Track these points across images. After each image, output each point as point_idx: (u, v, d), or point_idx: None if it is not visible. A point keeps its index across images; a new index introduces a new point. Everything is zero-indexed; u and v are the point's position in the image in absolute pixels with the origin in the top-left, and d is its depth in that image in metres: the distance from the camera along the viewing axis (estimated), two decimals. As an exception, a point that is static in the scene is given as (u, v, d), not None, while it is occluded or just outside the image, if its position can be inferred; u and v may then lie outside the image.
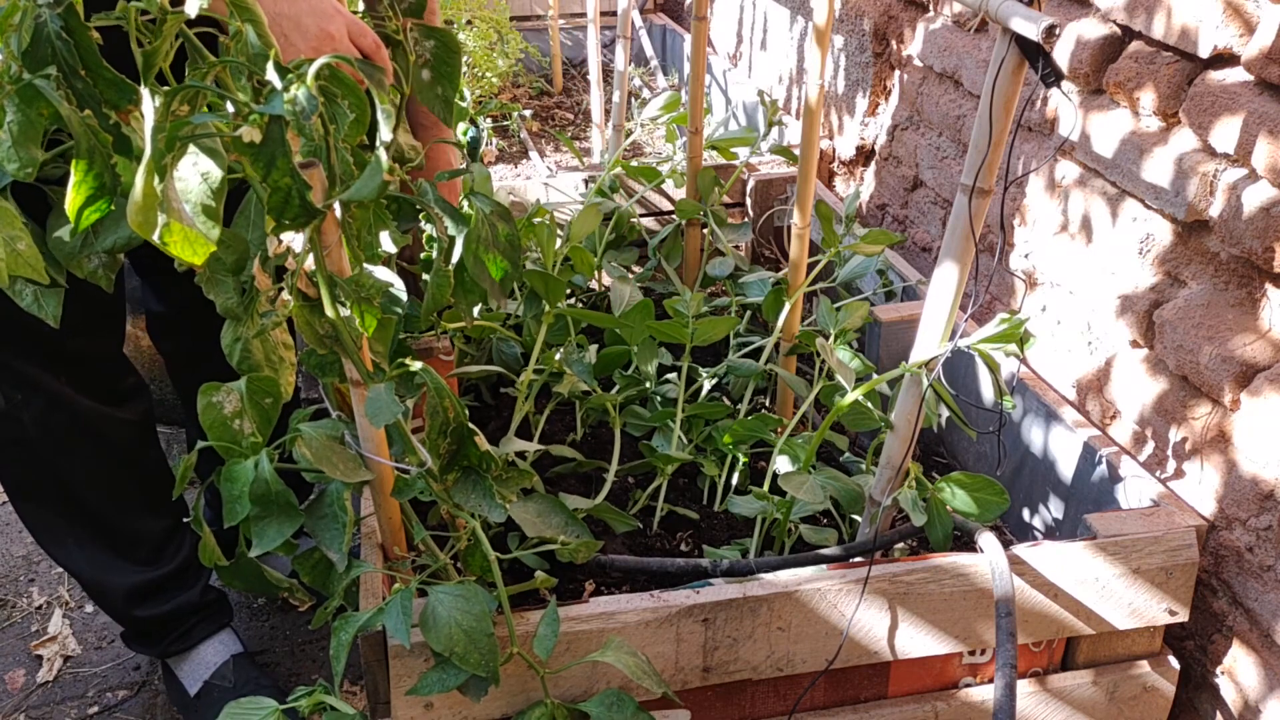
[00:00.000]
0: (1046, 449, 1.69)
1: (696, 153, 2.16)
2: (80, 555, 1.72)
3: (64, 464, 1.65)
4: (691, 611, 1.31)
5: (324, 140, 0.97)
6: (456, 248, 1.24)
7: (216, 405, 1.15)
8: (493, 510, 1.23)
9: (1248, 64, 1.40)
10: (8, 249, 0.93)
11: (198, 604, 1.81)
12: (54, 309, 1.06)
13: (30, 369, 1.56)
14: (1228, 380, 1.41)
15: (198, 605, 1.81)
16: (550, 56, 3.74)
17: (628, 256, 2.24)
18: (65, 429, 1.62)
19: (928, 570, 1.36)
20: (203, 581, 1.82)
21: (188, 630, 1.82)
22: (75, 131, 0.90)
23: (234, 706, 1.20)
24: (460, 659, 1.16)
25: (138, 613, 1.77)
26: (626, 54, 2.77)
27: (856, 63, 2.55)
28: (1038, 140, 1.87)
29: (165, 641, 1.81)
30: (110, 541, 1.72)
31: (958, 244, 1.31)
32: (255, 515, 1.15)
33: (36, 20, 0.90)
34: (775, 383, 1.93)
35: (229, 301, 1.11)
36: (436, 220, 1.23)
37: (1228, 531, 1.44)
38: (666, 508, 1.72)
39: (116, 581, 1.74)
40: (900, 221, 2.41)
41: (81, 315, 1.47)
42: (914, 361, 1.40)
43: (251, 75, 0.96)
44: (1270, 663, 1.39)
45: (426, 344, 1.63)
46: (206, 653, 1.84)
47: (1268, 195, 1.36)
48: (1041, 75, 1.15)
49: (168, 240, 0.87)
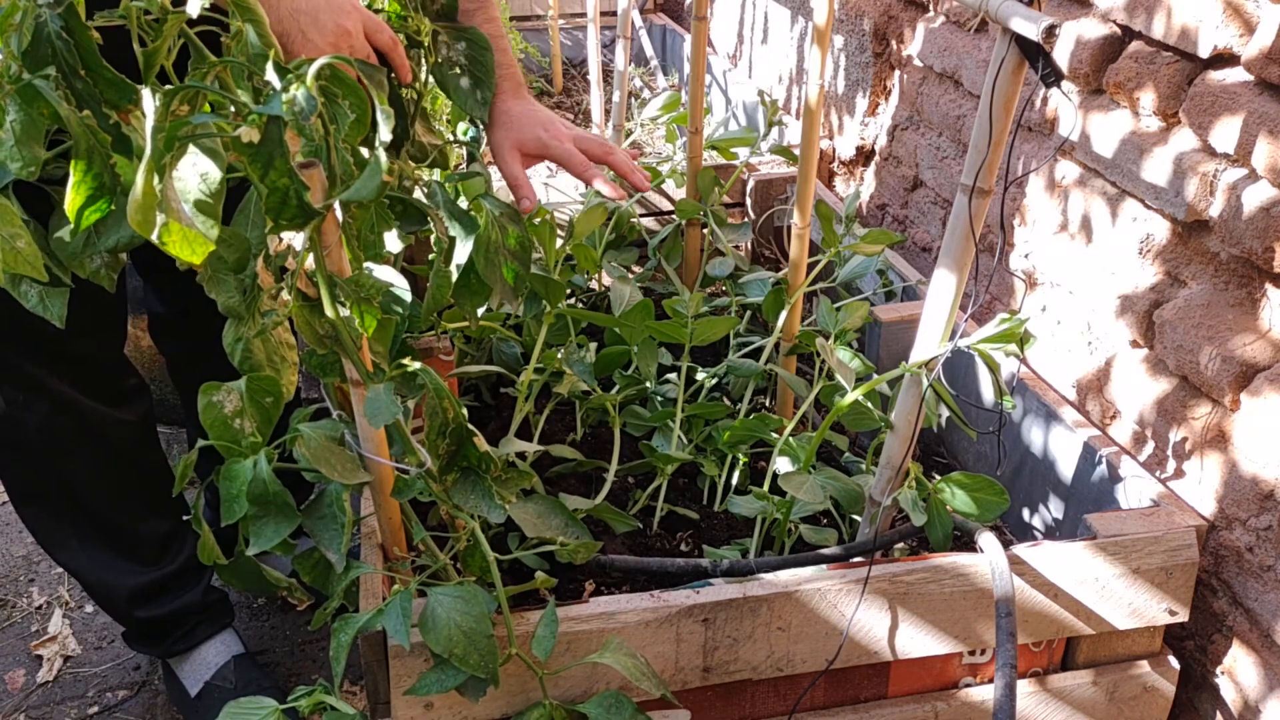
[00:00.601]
0: (1046, 449, 1.69)
1: (696, 153, 2.16)
2: (82, 556, 1.72)
3: (66, 466, 1.65)
4: (691, 611, 1.31)
5: (324, 140, 0.97)
6: (461, 249, 1.24)
7: (217, 404, 1.15)
8: (492, 511, 1.23)
9: (1248, 64, 1.40)
10: (7, 247, 0.93)
11: (200, 605, 1.81)
12: (59, 309, 1.06)
13: (33, 370, 1.56)
14: (1228, 380, 1.41)
15: (200, 606, 1.81)
16: (550, 56, 3.74)
17: (628, 256, 2.24)
18: (68, 431, 1.62)
19: (928, 570, 1.36)
20: (205, 582, 1.82)
21: (189, 631, 1.82)
22: (74, 132, 0.90)
23: (234, 706, 1.20)
24: (459, 660, 1.16)
25: (139, 614, 1.77)
26: (626, 54, 2.77)
27: (856, 63, 2.55)
28: (1038, 140, 1.87)
29: (167, 642, 1.81)
30: (112, 542, 1.72)
31: (958, 244, 1.31)
32: (253, 515, 1.15)
33: (36, 20, 0.90)
34: (775, 383, 1.93)
35: (230, 300, 1.11)
36: (436, 220, 1.23)
37: (1228, 531, 1.44)
38: (666, 508, 1.72)
39: (119, 582, 1.74)
40: (900, 221, 2.41)
41: (84, 316, 1.47)
42: (914, 361, 1.40)
43: (251, 76, 0.96)
44: (1270, 663, 1.39)
45: (426, 344, 1.63)
46: (208, 653, 1.84)
47: (1268, 195, 1.36)
48: (1041, 75, 1.15)
49: (166, 240, 0.87)
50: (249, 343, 1.14)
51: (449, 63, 1.26)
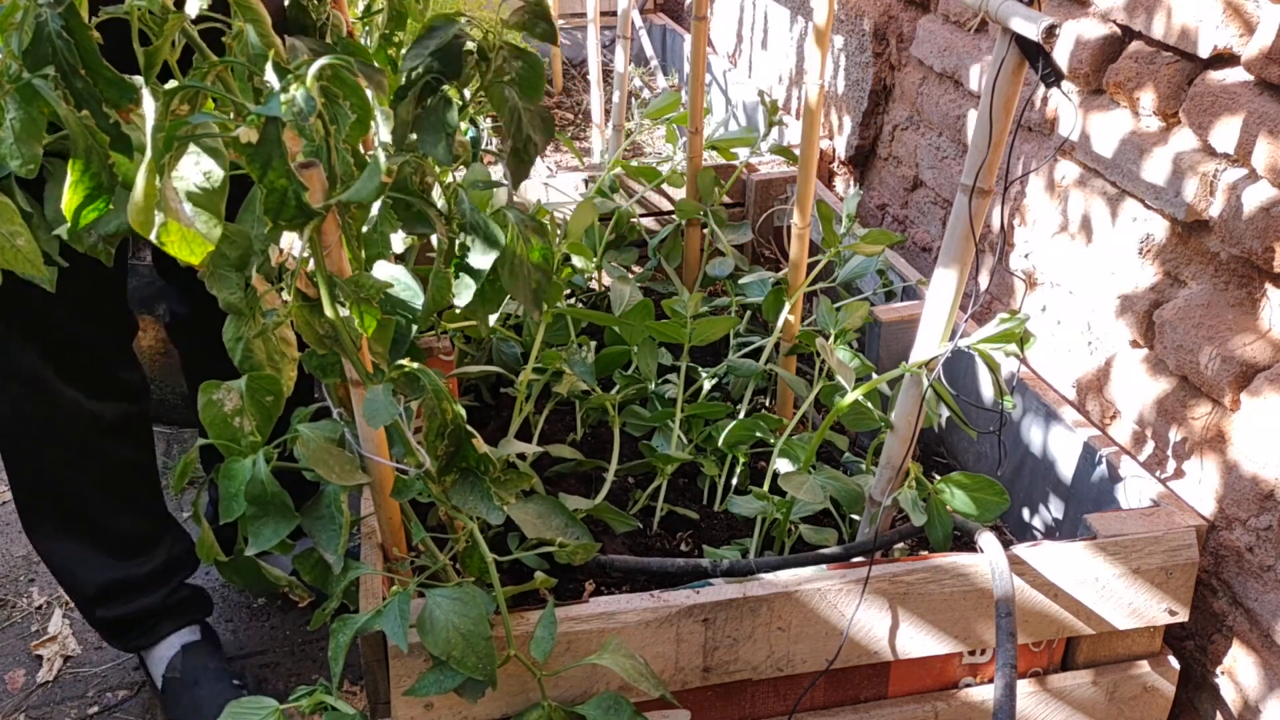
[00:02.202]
0: (1046, 449, 1.69)
1: (696, 153, 2.16)
2: (52, 542, 1.73)
3: (35, 451, 1.64)
4: (691, 611, 1.31)
5: (324, 141, 0.97)
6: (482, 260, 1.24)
7: (216, 403, 1.15)
8: (490, 513, 1.23)
9: (1248, 64, 1.40)
10: (7, 245, 0.93)
11: (160, 608, 1.80)
12: (51, 274, 1.04)
13: (16, 352, 1.55)
14: (1227, 380, 1.41)
15: (159, 609, 1.80)
16: (550, 56, 3.74)
17: (628, 256, 2.24)
18: (38, 418, 1.61)
19: (928, 570, 1.36)
20: (170, 586, 1.81)
21: (151, 628, 1.82)
22: (72, 131, 0.89)
23: (234, 706, 1.20)
24: (457, 662, 1.15)
25: (99, 612, 1.77)
26: (626, 54, 2.77)
27: (856, 63, 2.55)
28: (1038, 140, 1.87)
29: (129, 637, 1.82)
30: (81, 533, 1.72)
31: (958, 244, 1.30)
32: (251, 515, 1.15)
33: (37, 19, 0.90)
34: (775, 383, 1.93)
35: (232, 297, 1.10)
36: (439, 224, 1.22)
37: (1228, 531, 1.44)
38: (666, 508, 1.72)
39: (85, 576, 1.74)
40: (900, 221, 2.41)
41: (79, 300, 1.46)
42: (914, 361, 1.40)
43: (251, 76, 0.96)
44: (1270, 663, 1.39)
45: (426, 344, 1.63)
46: (164, 648, 1.84)
47: (1268, 195, 1.36)
48: (1041, 75, 1.15)
49: (165, 240, 0.87)
50: (249, 342, 1.14)
51: (499, 72, 1.28)
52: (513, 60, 1.28)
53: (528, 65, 1.29)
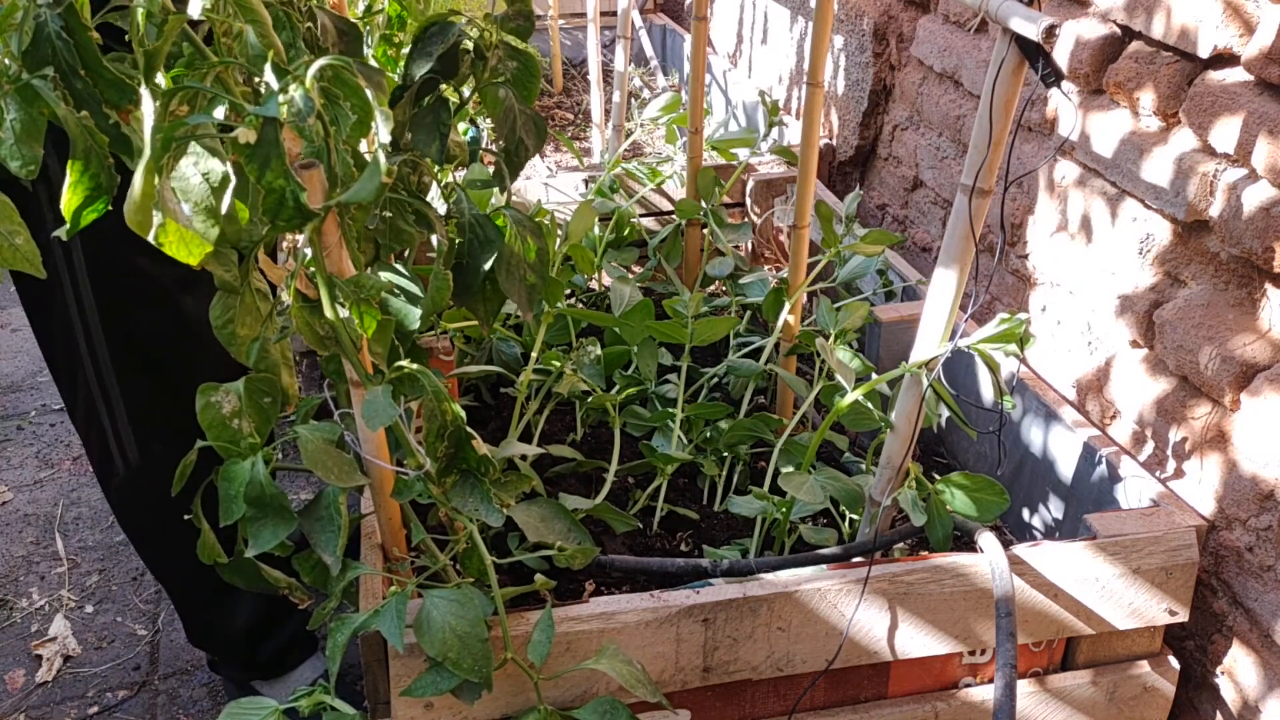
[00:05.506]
0: (1046, 449, 1.69)
1: (696, 153, 2.16)
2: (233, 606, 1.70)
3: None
4: (691, 611, 1.31)
5: (324, 142, 0.97)
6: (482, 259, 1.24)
7: (215, 405, 1.15)
8: (490, 515, 1.23)
9: (1248, 64, 1.40)
10: (5, 244, 0.93)
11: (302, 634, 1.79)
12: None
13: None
14: (1227, 380, 1.41)
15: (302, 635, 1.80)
16: (550, 56, 3.74)
17: (628, 256, 2.24)
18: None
19: (928, 570, 1.36)
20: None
21: (283, 657, 1.81)
22: (72, 132, 0.90)
23: (234, 707, 1.20)
24: (453, 664, 1.15)
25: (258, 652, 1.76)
26: (626, 54, 2.77)
27: (856, 63, 2.55)
28: (1038, 140, 1.87)
29: (258, 668, 1.80)
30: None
31: (958, 244, 1.30)
32: (251, 517, 1.15)
33: (36, 20, 0.90)
34: (775, 383, 1.93)
35: (226, 275, 1.10)
36: (438, 224, 1.22)
37: (1228, 531, 1.44)
38: (666, 508, 1.72)
39: (232, 623, 1.72)
40: (900, 221, 2.41)
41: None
42: (914, 361, 1.40)
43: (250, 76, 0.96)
44: (1270, 663, 1.39)
45: (426, 344, 1.63)
46: (302, 675, 1.82)
47: (1268, 195, 1.36)
48: (1041, 75, 1.15)
49: (163, 240, 0.87)
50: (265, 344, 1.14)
51: (494, 72, 1.29)
52: (508, 60, 1.29)
53: (523, 65, 1.30)
